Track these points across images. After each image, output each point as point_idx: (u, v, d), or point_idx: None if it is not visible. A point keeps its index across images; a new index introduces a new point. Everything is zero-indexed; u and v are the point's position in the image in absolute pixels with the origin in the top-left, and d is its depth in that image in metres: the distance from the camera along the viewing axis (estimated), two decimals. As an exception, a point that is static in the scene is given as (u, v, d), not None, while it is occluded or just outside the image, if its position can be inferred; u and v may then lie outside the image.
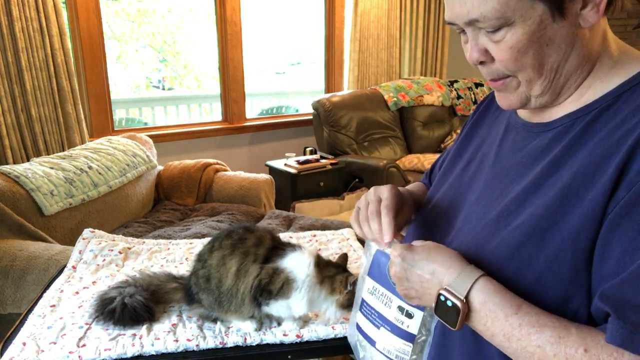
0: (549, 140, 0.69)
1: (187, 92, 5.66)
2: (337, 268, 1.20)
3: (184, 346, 1.14)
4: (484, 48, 0.68)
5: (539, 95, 0.69)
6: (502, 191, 0.72)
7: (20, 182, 2.20)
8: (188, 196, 2.98)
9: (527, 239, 0.64)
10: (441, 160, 1.02)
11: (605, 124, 0.63)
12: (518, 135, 0.76)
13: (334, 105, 3.79)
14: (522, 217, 0.66)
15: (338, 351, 1.23)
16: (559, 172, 0.65)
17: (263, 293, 1.15)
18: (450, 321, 0.66)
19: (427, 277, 0.69)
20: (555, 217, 0.62)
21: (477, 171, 0.81)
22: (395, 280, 0.74)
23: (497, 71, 0.69)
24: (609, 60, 0.68)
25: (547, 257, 0.62)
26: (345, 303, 1.16)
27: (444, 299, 0.66)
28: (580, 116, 0.67)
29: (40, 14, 2.66)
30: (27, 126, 2.72)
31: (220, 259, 1.18)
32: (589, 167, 0.61)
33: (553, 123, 0.71)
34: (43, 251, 1.93)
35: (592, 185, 0.60)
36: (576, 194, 0.61)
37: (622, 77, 0.66)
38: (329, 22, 4.25)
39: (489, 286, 0.64)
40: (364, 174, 3.53)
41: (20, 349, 1.12)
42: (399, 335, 0.79)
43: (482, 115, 0.91)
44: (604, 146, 0.61)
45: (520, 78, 0.68)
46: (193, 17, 4.90)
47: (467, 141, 0.91)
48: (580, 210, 0.60)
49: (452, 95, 4.50)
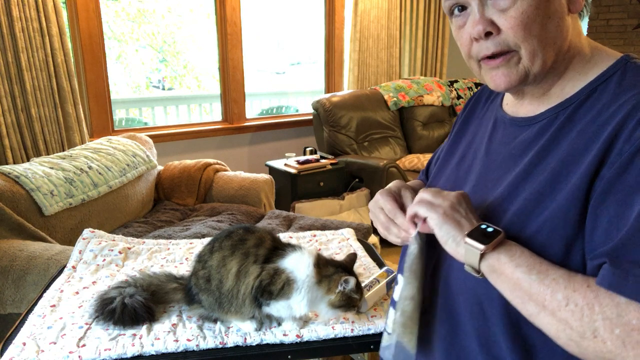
0: (535, 133, 0.75)
1: (187, 92, 5.66)
2: (336, 267, 1.19)
3: (184, 346, 1.14)
4: (490, 19, 0.71)
5: (538, 71, 0.72)
6: (496, 181, 0.77)
7: (20, 182, 2.20)
8: (188, 196, 2.98)
9: (523, 220, 0.69)
10: (436, 157, 1.05)
11: (584, 115, 0.70)
12: (506, 129, 0.81)
13: (334, 105, 3.79)
14: (517, 202, 0.71)
15: (338, 351, 1.23)
16: (547, 160, 0.70)
17: (264, 294, 1.15)
18: (484, 242, 0.68)
19: None
20: (546, 199, 0.68)
21: (472, 165, 0.86)
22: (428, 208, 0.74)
23: (503, 42, 0.71)
24: (584, 56, 0.74)
25: (541, 236, 0.67)
26: (336, 303, 1.16)
27: (484, 227, 0.69)
28: (561, 110, 0.73)
29: (40, 14, 2.66)
30: (27, 126, 2.72)
31: (221, 260, 1.18)
32: (573, 154, 0.68)
33: (537, 117, 0.76)
34: (43, 251, 1.93)
35: (577, 168, 0.66)
36: (564, 177, 0.67)
37: (596, 72, 0.72)
38: (329, 22, 4.25)
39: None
40: (364, 174, 3.53)
41: (20, 349, 1.12)
42: (391, 304, 0.83)
43: (471, 112, 0.96)
44: (585, 135, 0.68)
45: (524, 50, 0.71)
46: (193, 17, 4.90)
47: (459, 137, 0.95)
48: (568, 189, 0.66)
49: (452, 95, 4.50)
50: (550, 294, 0.63)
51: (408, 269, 0.77)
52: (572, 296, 0.61)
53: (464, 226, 0.71)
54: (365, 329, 1.21)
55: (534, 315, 0.65)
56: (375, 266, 1.56)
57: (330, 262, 1.21)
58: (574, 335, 0.61)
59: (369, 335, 1.21)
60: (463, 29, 0.74)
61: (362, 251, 1.68)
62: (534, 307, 0.64)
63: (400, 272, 0.81)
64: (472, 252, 0.68)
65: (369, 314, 1.28)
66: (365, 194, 3.47)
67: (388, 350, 0.82)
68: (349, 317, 1.24)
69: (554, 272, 0.64)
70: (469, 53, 0.76)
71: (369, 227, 2.58)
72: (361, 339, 1.20)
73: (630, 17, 5.37)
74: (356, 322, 1.23)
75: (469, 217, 0.72)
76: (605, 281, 0.60)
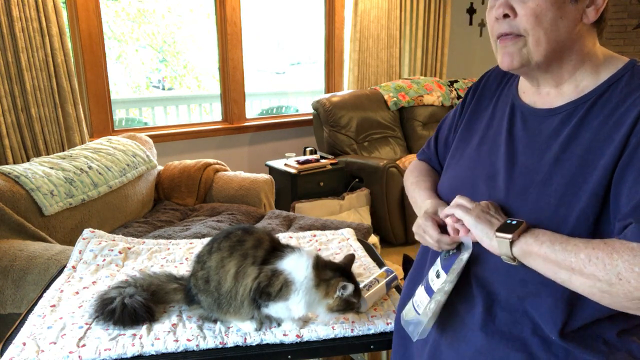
0: (557, 123, 0.86)
1: (187, 92, 5.66)
2: (334, 271, 1.19)
3: (184, 346, 1.14)
4: (511, 5, 0.84)
5: (539, 60, 0.85)
6: (524, 167, 0.88)
7: (20, 182, 2.20)
8: (188, 196, 2.98)
9: (563, 200, 0.80)
10: (446, 128, 1.16)
11: (602, 108, 0.82)
12: (526, 118, 0.92)
13: (334, 105, 3.79)
14: (553, 185, 0.82)
15: (338, 351, 1.23)
16: (571, 149, 0.82)
17: (262, 295, 1.15)
18: (510, 231, 0.80)
19: None
20: (578, 182, 0.79)
21: (493, 148, 0.96)
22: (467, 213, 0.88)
23: (515, 26, 0.84)
24: (597, 60, 0.86)
25: (577, 214, 0.78)
26: (334, 308, 1.16)
27: (509, 221, 0.83)
28: (580, 104, 0.85)
29: (40, 14, 2.66)
30: (27, 126, 2.72)
31: (219, 261, 1.18)
32: (596, 142, 0.80)
33: (557, 109, 0.88)
34: (43, 251, 1.93)
35: (602, 155, 0.78)
36: (592, 164, 0.79)
37: (609, 72, 0.85)
38: (329, 22, 4.25)
39: None
40: (364, 174, 3.53)
41: (20, 349, 1.12)
42: (426, 290, 0.96)
43: (482, 94, 1.06)
44: (606, 126, 0.80)
45: (531, 37, 0.83)
46: (193, 17, 4.90)
47: (474, 117, 1.05)
48: (596, 174, 0.78)
49: (452, 95, 4.50)
50: (574, 256, 0.74)
51: (455, 271, 0.91)
52: (592, 253, 0.73)
53: (494, 224, 0.83)
54: (365, 329, 1.21)
55: (568, 281, 0.76)
56: (375, 266, 1.56)
57: (329, 264, 1.21)
58: (603, 286, 0.72)
59: (369, 335, 1.21)
60: (492, 10, 0.88)
61: (362, 251, 1.68)
62: (565, 273, 0.75)
63: (445, 270, 0.93)
64: (503, 242, 0.81)
65: (369, 314, 1.28)
66: (365, 194, 3.47)
67: (412, 325, 0.96)
68: (349, 317, 1.24)
69: (574, 240, 0.76)
70: (492, 31, 0.89)
71: (369, 227, 2.58)
72: (361, 339, 1.21)
73: (630, 17, 5.37)
74: (356, 322, 1.23)
75: (497, 217, 0.85)
76: (630, 235, 0.72)
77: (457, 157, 1.04)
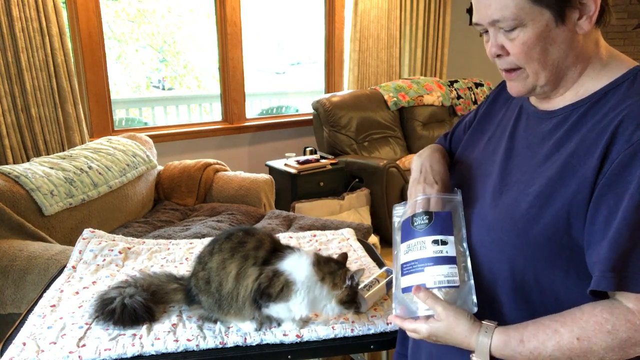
0: (552, 126, 0.87)
1: (187, 92, 5.66)
2: (337, 264, 1.21)
3: (184, 346, 1.14)
4: (501, 44, 0.85)
5: (543, 84, 0.86)
6: (517, 167, 0.89)
7: (20, 182, 2.20)
8: (188, 196, 2.98)
9: (537, 201, 0.82)
10: (463, 124, 1.16)
11: (595, 114, 0.81)
12: (529, 119, 0.94)
13: (334, 105, 3.78)
14: (534, 186, 0.83)
15: (338, 351, 1.23)
16: (559, 152, 0.83)
17: (263, 296, 1.15)
18: None
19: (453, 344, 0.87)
20: (556, 185, 0.80)
21: (497, 146, 0.98)
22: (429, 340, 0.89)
23: (511, 63, 0.86)
24: (600, 63, 0.85)
25: (550, 214, 0.80)
26: (344, 298, 1.16)
27: None
28: (576, 107, 0.85)
29: (40, 14, 2.66)
30: (27, 126, 2.72)
31: (220, 262, 1.18)
32: (582, 148, 0.80)
33: (556, 112, 0.88)
34: (43, 251, 1.93)
35: (584, 163, 0.78)
36: (572, 169, 0.79)
37: (610, 78, 0.83)
38: (329, 22, 4.25)
39: (500, 338, 0.82)
40: (363, 174, 3.53)
41: (20, 349, 1.12)
42: (442, 263, 0.89)
43: (499, 94, 1.08)
44: (593, 132, 0.79)
45: (529, 70, 0.84)
46: (193, 17, 4.90)
47: (487, 116, 1.08)
48: (575, 180, 0.78)
49: (452, 95, 4.50)
50: None
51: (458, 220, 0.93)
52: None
53: None
54: (365, 329, 1.21)
55: None
56: (375, 266, 1.56)
57: (331, 259, 1.22)
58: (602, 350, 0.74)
59: (369, 335, 1.21)
60: (488, 43, 0.88)
61: (362, 251, 1.68)
62: None
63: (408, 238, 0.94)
64: None
65: (369, 314, 1.28)
66: (365, 194, 3.47)
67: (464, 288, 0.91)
68: (349, 317, 1.24)
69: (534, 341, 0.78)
70: (493, 61, 0.90)
71: (369, 227, 2.58)
72: (361, 339, 1.20)
73: (630, 17, 5.37)
74: (356, 322, 1.23)
75: None
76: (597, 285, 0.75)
77: (470, 149, 1.07)
